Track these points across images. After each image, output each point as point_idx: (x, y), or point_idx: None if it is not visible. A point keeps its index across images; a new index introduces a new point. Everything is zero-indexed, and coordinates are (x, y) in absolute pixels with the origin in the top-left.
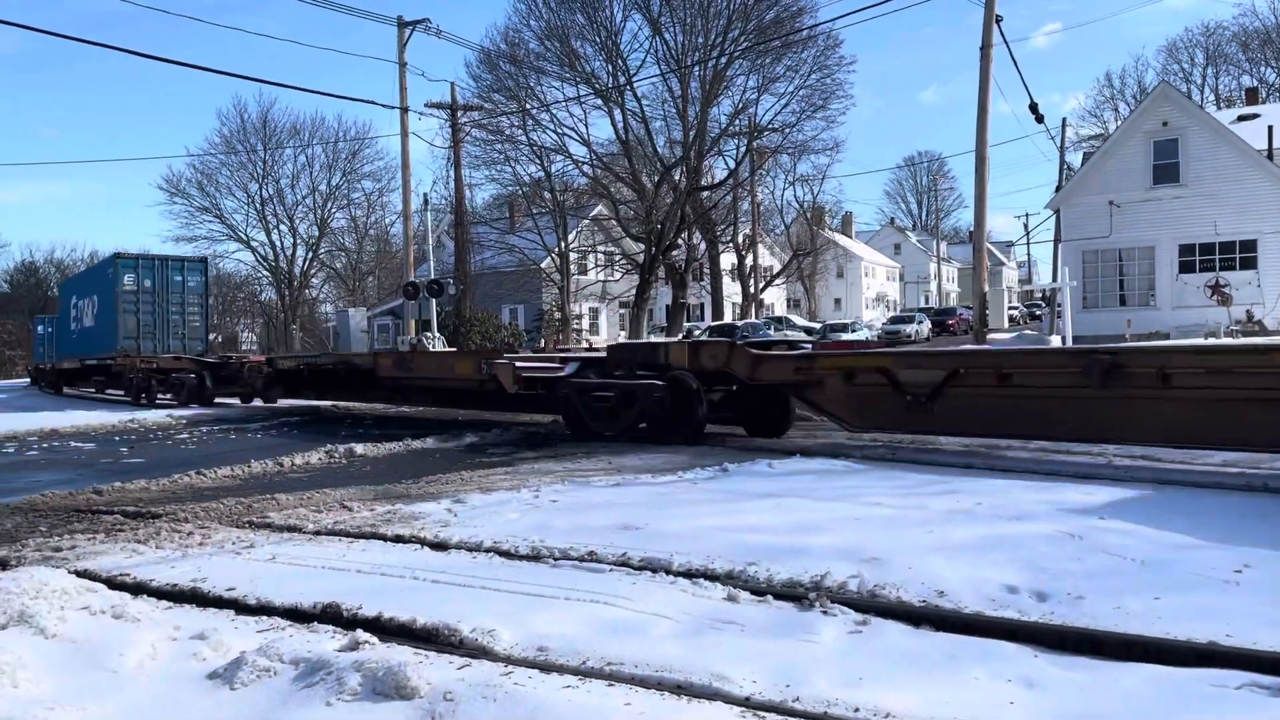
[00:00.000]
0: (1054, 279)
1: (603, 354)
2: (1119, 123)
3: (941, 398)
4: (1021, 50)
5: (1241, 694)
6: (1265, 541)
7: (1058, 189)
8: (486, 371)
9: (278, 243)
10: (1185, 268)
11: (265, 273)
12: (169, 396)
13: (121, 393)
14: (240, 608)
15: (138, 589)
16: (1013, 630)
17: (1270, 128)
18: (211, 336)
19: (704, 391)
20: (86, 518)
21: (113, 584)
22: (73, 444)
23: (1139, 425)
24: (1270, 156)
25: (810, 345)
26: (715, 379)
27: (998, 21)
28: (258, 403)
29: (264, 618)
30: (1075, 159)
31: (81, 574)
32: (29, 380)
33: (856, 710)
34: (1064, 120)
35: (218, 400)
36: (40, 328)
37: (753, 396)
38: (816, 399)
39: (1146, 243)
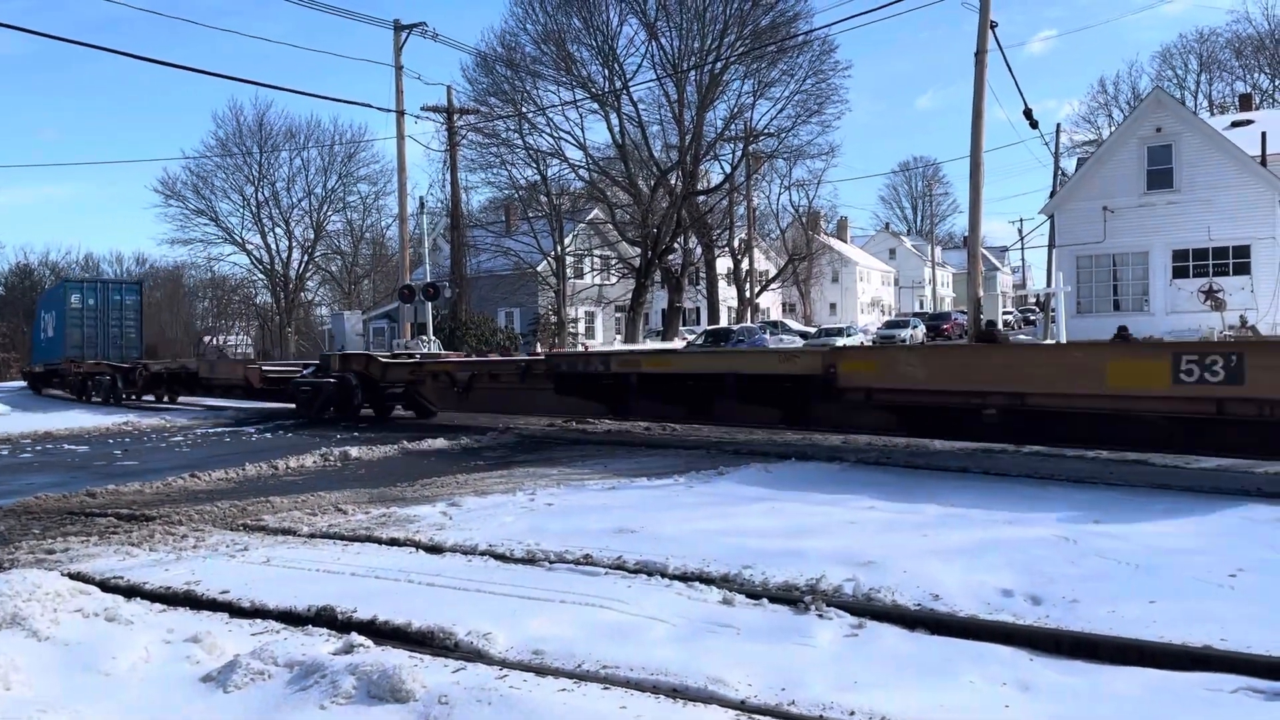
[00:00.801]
0: (1048, 284)
1: (318, 362)
2: (1113, 129)
3: (471, 389)
4: (1017, 56)
5: (1236, 697)
6: (1259, 545)
7: (1052, 194)
8: (243, 373)
9: (273, 245)
10: (1179, 273)
11: (260, 276)
12: (99, 397)
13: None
14: (234, 610)
15: (131, 591)
16: (1008, 634)
17: (1264, 134)
18: (207, 340)
19: (361, 388)
20: (80, 520)
21: (106, 586)
22: (66, 446)
23: (540, 405)
24: (1263, 162)
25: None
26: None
27: (992, 28)
28: (251, 404)
29: (258, 621)
30: (1070, 165)
31: (75, 576)
32: (24, 383)
33: (852, 714)
34: (1058, 126)
35: (211, 404)
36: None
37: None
38: (422, 392)
39: (1140, 248)
